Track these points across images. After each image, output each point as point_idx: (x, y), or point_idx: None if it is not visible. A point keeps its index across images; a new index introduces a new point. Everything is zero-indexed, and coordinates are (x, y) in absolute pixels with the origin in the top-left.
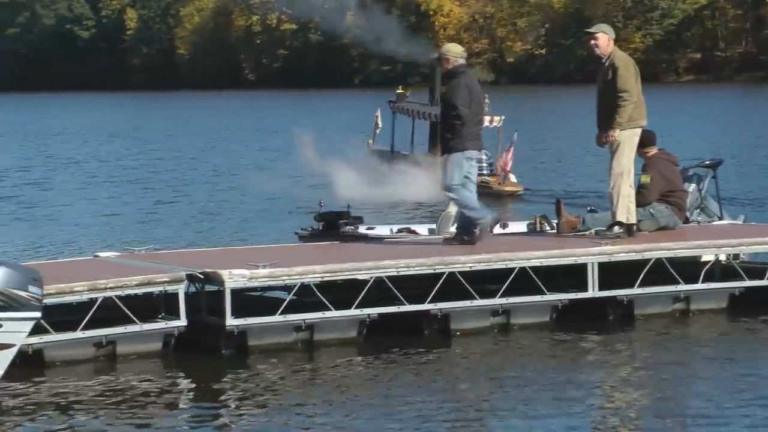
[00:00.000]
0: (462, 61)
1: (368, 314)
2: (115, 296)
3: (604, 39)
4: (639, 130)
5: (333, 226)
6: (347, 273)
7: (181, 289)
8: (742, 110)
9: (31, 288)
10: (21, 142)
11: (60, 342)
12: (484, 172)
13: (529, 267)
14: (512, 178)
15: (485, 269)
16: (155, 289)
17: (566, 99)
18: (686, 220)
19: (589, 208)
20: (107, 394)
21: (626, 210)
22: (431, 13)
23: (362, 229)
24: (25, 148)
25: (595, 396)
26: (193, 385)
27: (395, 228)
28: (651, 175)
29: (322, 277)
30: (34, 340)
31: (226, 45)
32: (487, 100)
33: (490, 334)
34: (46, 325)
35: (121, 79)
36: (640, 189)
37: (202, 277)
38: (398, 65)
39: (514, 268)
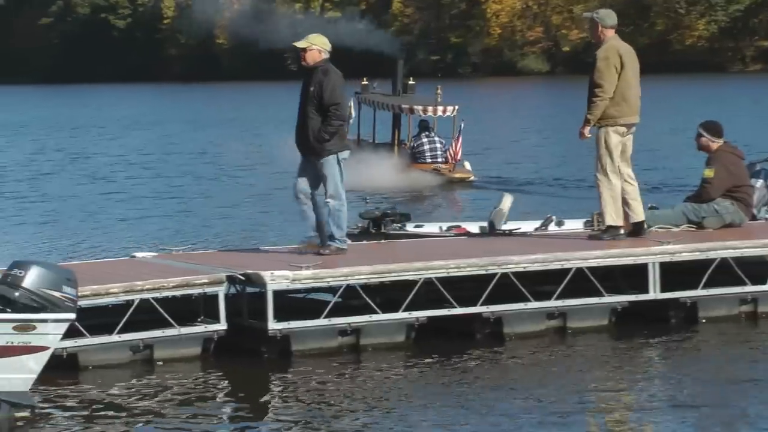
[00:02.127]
0: (328, 54)
1: (417, 317)
2: (153, 298)
3: (594, 26)
4: (622, 129)
5: (379, 224)
6: (395, 274)
7: (221, 291)
8: None
9: (66, 288)
10: (55, 136)
11: (95, 346)
12: (439, 159)
13: (587, 267)
14: (467, 165)
15: (540, 270)
16: (194, 291)
17: None
18: (753, 217)
19: (650, 205)
20: (144, 400)
21: (613, 212)
22: (482, 0)
23: (410, 227)
24: (60, 143)
25: (657, 405)
26: (234, 392)
27: (445, 226)
28: (715, 169)
29: (369, 279)
30: (69, 343)
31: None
32: (439, 91)
33: (545, 338)
34: (81, 328)
35: (158, 69)
36: (704, 184)
37: (243, 278)
38: (448, 55)
39: (571, 268)
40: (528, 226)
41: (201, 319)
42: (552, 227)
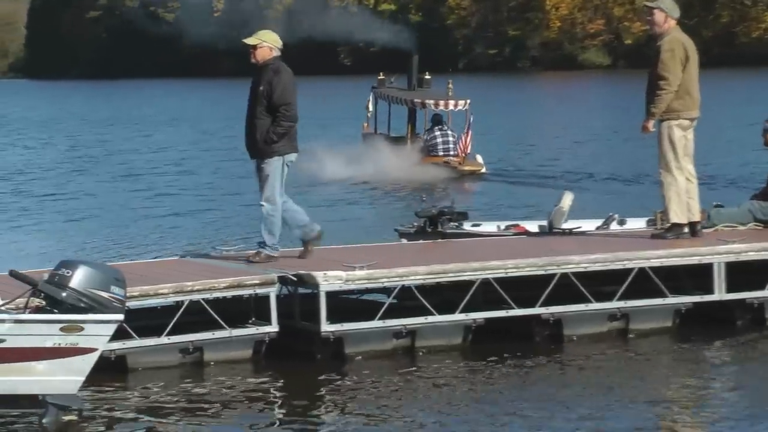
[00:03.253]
0: (279, 52)
1: (474, 319)
2: (203, 299)
3: (660, 16)
4: (686, 123)
5: (436, 222)
6: (451, 274)
7: (272, 292)
8: None
9: (114, 289)
10: (101, 132)
11: (144, 348)
12: (451, 153)
13: (649, 267)
14: (479, 158)
15: (601, 270)
16: (245, 292)
17: None
18: None
19: (715, 204)
20: (193, 403)
21: (677, 209)
22: None
23: (467, 226)
24: (106, 138)
25: (725, 412)
26: (285, 395)
27: (503, 225)
28: None
29: (425, 279)
30: (117, 345)
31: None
32: (450, 85)
33: (607, 340)
34: (130, 330)
35: (208, 64)
36: None
37: (295, 279)
38: (506, 48)
39: (633, 268)
40: (589, 224)
41: (252, 320)
42: (614, 226)
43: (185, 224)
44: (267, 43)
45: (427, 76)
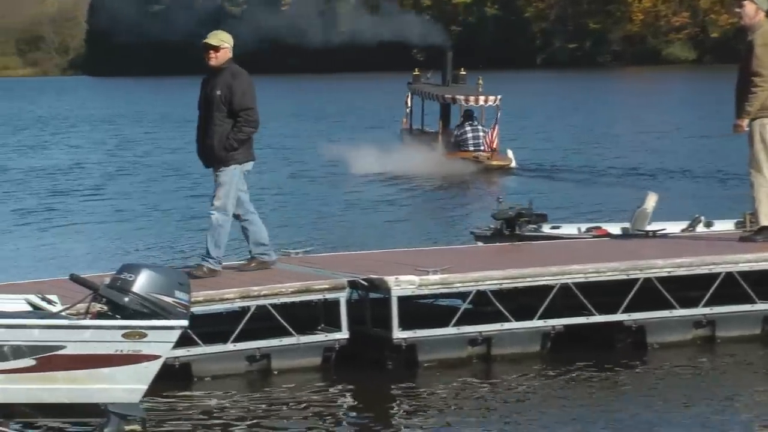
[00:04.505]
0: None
1: (553, 325)
2: (270, 305)
3: (750, 8)
4: None
5: (513, 225)
6: (529, 279)
7: (342, 297)
8: None
9: (178, 294)
10: (156, 132)
11: (209, 355)
12: (481, 148)
13: (737, 272)
14: (509, 153)
15: (686, 274)
16: (314, 297)
17: None
18: None
19: None
20: (260, 413)
21: (767, 211)
22: None
23: (546, 229)
24: (160, 138)
25: None
26: (356, 404)
27: (584, 227)
28: None
29: (501, 284)
30: (181, 352)
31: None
32: (480, 81)
33: (692, 348)
34: (194, 336)
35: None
36: None
37: (365, 283)
38: (586, 42)
39: (720, 273)
40: (674, 227)
41: (321, 326)
42: (700, 228)
43: None
44: (227, 44)
45: (462, 72)
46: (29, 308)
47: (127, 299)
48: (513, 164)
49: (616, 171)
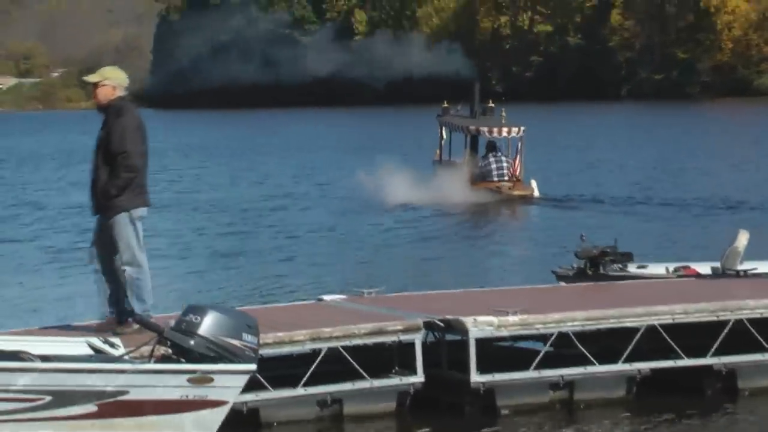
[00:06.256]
0: (125, 92)
1: (638, 369)
2: (342, 347)
3: None
4: None
5: (597, 264)
6: (613, 320)
7: (417, 339)
8: None
9: (246, 336)
10: (231, 165)
11: (278, 400)
12: (505, 178)
13: None
14: (533, 183)
15: None
16: (388, 339)
17: None
18: None
19: None
20: None
21: None
22: (713, 10)
23: (632, 268)
24: (237, 169)
25: None
26: None
27: (671, 267)
28: None
29: (584, 325)
30: (250, 397)
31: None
32: (504, 113)
33: None
34: (263, 380)
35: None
36: None
37: (442, 325)
38: (673, 72)
39: None
40: (766, 266)
41: (395, 370)
42: None
43: (323, 265)
44: (110, 82)
45: (491, 105)
46: (91, 351)
47: (193, 342)
48: (536, 194)
49: (703, 208)
